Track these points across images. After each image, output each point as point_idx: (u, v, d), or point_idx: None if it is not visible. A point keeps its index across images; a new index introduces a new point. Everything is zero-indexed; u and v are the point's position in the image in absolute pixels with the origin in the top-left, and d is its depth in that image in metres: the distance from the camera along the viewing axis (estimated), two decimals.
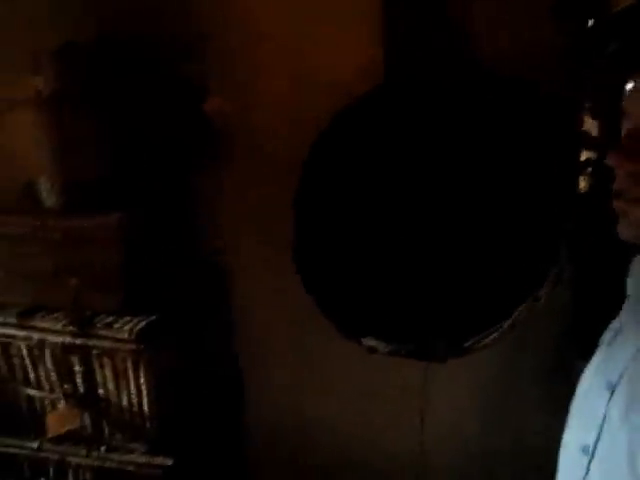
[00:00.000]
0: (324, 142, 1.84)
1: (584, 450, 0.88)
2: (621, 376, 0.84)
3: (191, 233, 2.08)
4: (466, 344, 1.75)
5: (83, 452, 1.91)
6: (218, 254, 2.11)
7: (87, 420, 1.92)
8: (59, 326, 1.85)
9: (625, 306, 0.94)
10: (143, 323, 1.81)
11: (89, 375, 1.87)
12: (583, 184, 1.92)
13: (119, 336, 1.79)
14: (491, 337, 1.73)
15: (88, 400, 1.89)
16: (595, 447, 0.86)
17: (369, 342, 1.83)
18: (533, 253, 1.75)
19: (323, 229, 1.87)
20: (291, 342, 2.14)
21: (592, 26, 1.75)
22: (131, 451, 1.90)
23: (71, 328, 1.84)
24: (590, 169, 1.92)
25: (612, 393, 0.85)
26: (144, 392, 1.84)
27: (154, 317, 1.84)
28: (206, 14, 2.00)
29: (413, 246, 1.83)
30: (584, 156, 1.91)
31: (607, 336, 0.94)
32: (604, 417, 0.84)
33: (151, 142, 2.04)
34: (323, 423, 2.18)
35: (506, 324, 1.71)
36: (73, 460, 1.93)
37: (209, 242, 2.11)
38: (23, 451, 1.96)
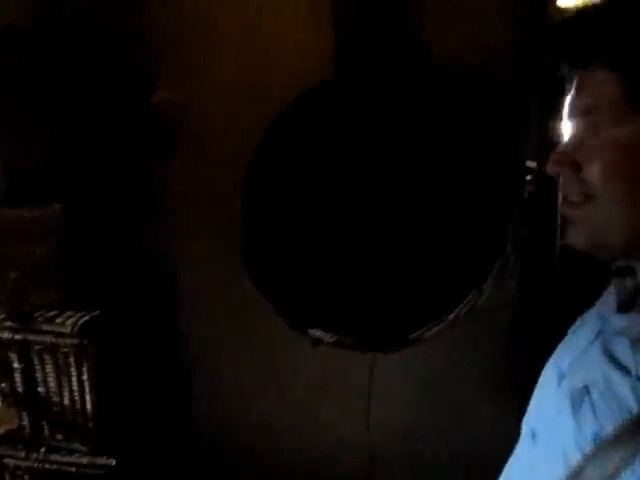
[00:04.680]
0: (270, 138, 1.83)
1: (532, 435, 0.89)
2: (570, 366, 0.85)
3: (136, 227, 2.02)
4: (411, 336, 1.75)
5: (22, 453, 1.83)
6: (163, 248, 2.05)
7: (26, 420, 1.84)
8: None
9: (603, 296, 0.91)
10: (86, 317, 1.75)
11: (29, 372, 1.79)
12: (529, 179, 1.96)
13: (61, 330, 1.72)
14: (435, 329, 1.74)
15: (27, 399, 1.81)
16: (540, 434, 0.87)
17: (315, 334, 1.82)
18: (479, 246, 1.77)
19: (270, 223, 1.85)
20: (238, 338, 2.10)
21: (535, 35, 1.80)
22: (73, 452, 1.82)
23: (10, 323, 1.76)
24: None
25: (560, 383, 0.85)
26: (87, 389, 1.77)
27: (97, 312, 1.78)
28: (156, 2, 1.96)
29: (361, 238, 1.83)
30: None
31: (575, 324, 0.94)
32: (552, 405, 0.85)
33: (94, 133, 1.98)
34: (271, 418, 2.14)
35: (450, 316, 1.72)
36: (11, 462, 1.84)
37: (155, 236, 2.05)
38: None
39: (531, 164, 1.93)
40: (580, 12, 0.85)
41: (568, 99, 0.80)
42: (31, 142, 1.92)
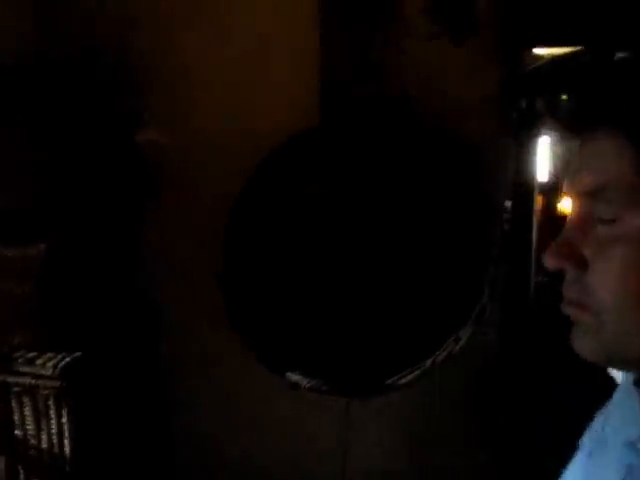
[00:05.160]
0: (252, 185, 1.86)
1: None
2: None
3: (119, 268, 2.01)
4: (387, 381, 1.77)
5: None
6: (146, 289, 2.05)
7: (2, 463, 1.80)
8: None
9: (607, 411, 0.75)
10: (67, 359, 1.73)
11: (6, 415, 1.76)
12: (506, 226, 2.01)
13: (41, 372, 1.70)
14: (412, 375, 1.76)
15: (3, 442, 1.78)
16: None
17: (292, 377, 1.82)
18: (457, 293, 1.80)
19: (251, 264, 1.88)
20: (217, 379, 2.09)
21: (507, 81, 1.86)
22: None
23: None
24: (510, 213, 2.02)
25: None
26: (65, 433, 1.75)
27: (78, 354, 1.77)
28: (145, 47, 1.99)
29: (338, 282, 1.86)
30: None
31: (587, 439, 0.76)
32: None
33: (79, 171, 1.99)
34: (248, 460, 2.13)
35: (427, 362, 1.75)
36: None
37: (138, 277, 2.04)
38: None
39: (507, 203, 1.99)
40: (564, 59, 0.74)
41: (568, 169, 0.64)
42: (15, 180, 1.91)
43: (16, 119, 1.95)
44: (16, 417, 1.77)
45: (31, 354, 1.76)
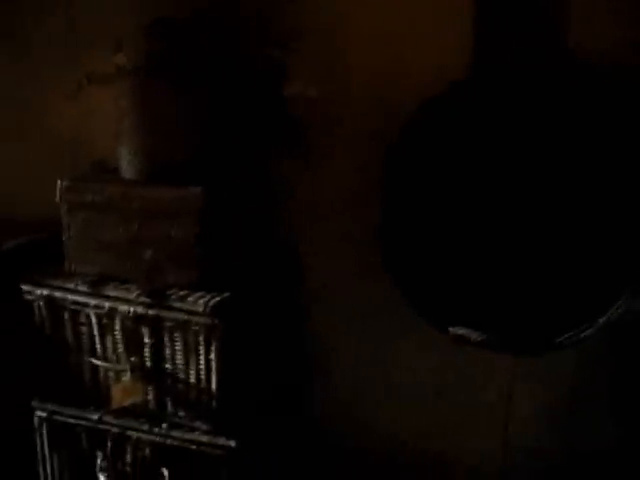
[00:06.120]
0: (411, 129, 1.83)
1: None
2: None
3: (268, 215, 2.06)
4: (559, 339, 1.69)
5: (145, 427, 1.88)
6: (293, 238, 2.09)
7: (151, 395, 1.89)
8: (132, 296, 1.83)
9: None
10: (217, 298, 1.79)
11: (158, 348, 1.85)
12: None
13: (193, 309, 1.77)
14: (585, 333, 1.67)
15: (154, 374, 1.87)
16: None
17: (458, 331, 1.77)
18: (630, 247, 1.70)
19: (408, 214, 1.85)
20: (364, 333, 2.10)
21: None
22: (194, 430, 1.86)
23: (144, 299, 1.82)
24: None
25: None
26: (213, 369, 1.81)
27: (228, 294, 1.82)
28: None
29: (506, 236, 1.79)
30: None
31: None
32: None
33: (231, 123, 2.05)
34: (390, 423, 2.13)
35: (601, 320, 1.65)
36: (133, 435, 1.89)
37: (286, 225, 2.09)
38: (82, 422, 1.93)
39: None
40: None
41: None
42: (171, 130, 1.99)
43: (175, 71, 2.04)
44: (167, 351, 1.85)
45: (183, 292, 1.84)
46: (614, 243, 1.71)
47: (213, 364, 1.80)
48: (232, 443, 1.82)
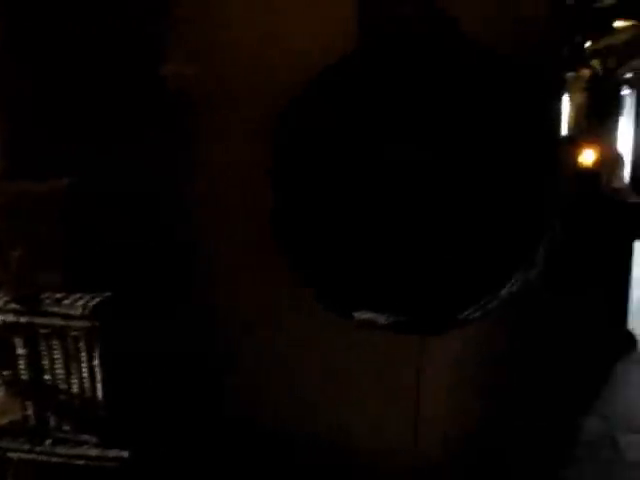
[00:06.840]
0: (297, 106, 1.73)
1: None
2: None
3: (154, 208, 1.90)
4: (461, 315, 1.65)
5: (26, 446, 1.71)
6: (188, 230, 1.94)
7: (30, 410, 1.72)
8: (0, 303, 1.65)
9: None
10: (97, 299, 1.64)
11: (34, 359, 1.67)
12: None
13: (71, 313, 1.61)
14: (488, 306, 1.63)
15: (32, 387, 1.69)
16: None
17: (363, 315, 1.69)
18: (525, 220, 1.67)
19: (301, 196, 1.74)
20: (268, 324, 1.99)
21: None
22: (81, 443, 1.70)
23: (14, 305, 1.64)
24: None
25: None
26: (97, 376, 1.66)
27: (109, 294, 1.67)
28: None
29: (401, 215, 1.72)
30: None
31: None
32: None
33: (103, 106, 1.88)
34: (308, 411, 2.04)
35: (502, 292, 1.62)
36: (14, 455, 1.71)
37: (175, 218, 1.93)
38: None
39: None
40: None
41: None
42: (35, 114, 1.81)
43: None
44: (45, 361, 1.68)
45: (58, 295, 1.67)
46: (507, 217, 1.68)
47: (97, 371, 1.65)
48: (125, 454, 1.68)
